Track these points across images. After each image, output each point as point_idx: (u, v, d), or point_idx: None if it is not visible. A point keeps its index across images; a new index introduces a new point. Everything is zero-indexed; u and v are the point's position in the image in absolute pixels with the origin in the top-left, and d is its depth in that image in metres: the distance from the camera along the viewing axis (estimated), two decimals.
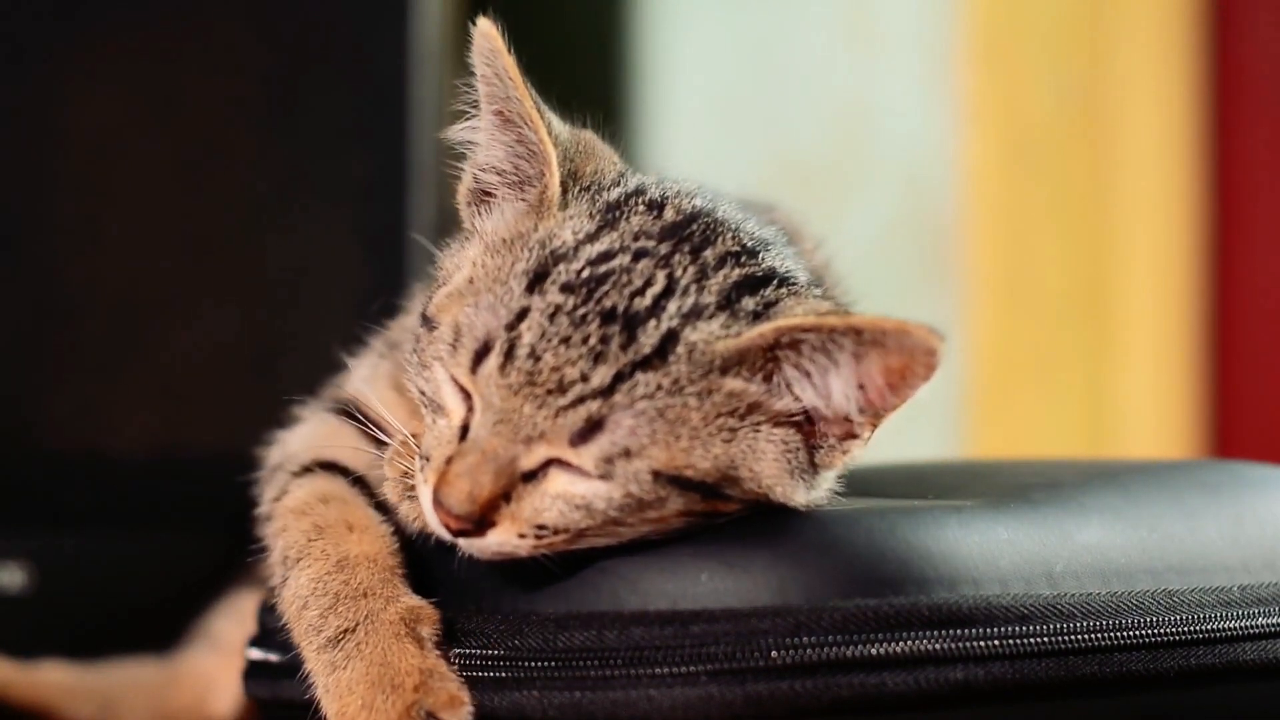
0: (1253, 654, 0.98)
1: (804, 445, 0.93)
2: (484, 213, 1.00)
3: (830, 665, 0.89)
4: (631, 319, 0.90)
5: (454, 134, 1.01)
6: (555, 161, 0.97)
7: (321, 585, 0.96)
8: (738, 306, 0.93)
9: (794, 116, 2.37)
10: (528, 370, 0.90)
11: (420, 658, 0.92)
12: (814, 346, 0.91)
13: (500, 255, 0.95)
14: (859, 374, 0.91)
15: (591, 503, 0.90)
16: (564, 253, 0.93)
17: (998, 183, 2.33)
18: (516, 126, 0.98)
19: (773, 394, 0.92)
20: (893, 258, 2.33)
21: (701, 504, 0.91)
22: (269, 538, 1.03)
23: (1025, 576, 0.94)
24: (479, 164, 1.00)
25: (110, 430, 1.65)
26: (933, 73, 2.33)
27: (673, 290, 0.92)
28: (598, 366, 0.89)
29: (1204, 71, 2.49)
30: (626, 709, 0.90)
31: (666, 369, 0.90)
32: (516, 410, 0.90)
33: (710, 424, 0.91)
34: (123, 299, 1.65)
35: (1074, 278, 2.39)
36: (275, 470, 1.08)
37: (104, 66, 1.65)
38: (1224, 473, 1.13)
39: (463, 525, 0.90)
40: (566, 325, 0.90)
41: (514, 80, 0.97)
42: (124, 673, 1.42)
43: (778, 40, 2.37)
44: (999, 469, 1.19)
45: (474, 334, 0.92)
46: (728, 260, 0.95)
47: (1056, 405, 2.39)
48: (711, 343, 0.91)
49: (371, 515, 1.00)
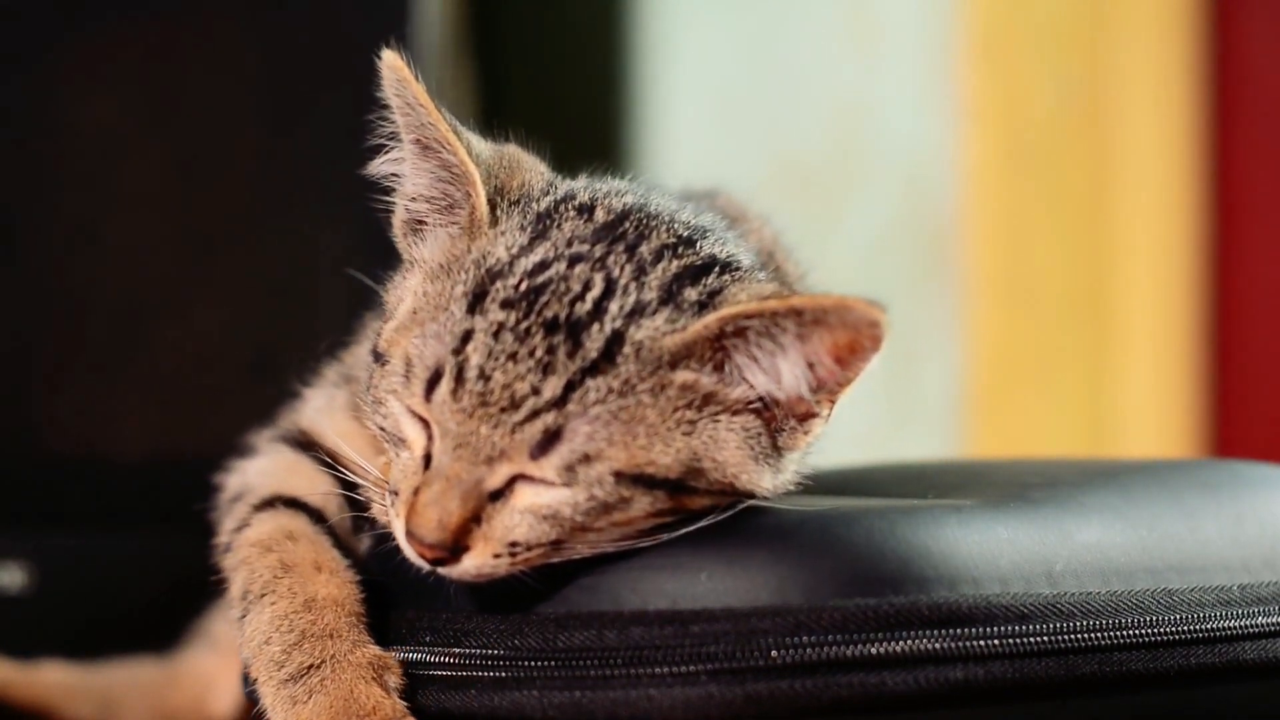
0: (1252, 653, 0.98)
1: (765, 429, 0.93)
2: (419, 241, 1.00)
3: (830, 665, 0.89)
4: (574, 326, 0.90)
5: (376, 168, 1.01)
6: (479, 181, 0.96)
7: (287, 622, 0.96)
8: (680, 299, 0.92)
9: (794, 116, 2.37)
10: (479, 391, 0.89)
11: (388, 701, 0.93)
12: (759, 332, 0.91)
13: (440, 281, 0.95)
14: (806, 354, 0.91)
15: (558, 511, 0.90)
16: (500, 269, 0.93)
17: (998, 183, 2.33)
18: (436, 152, 0.98)
19: (726, 383, 0.92)
20: (893, 258, 2.33)
21: (668, 501, 0.91)
22: (229, 570, 1.02)
23: (1025, 576, 0.94)
24: (407, 194, 1.00)
25: (110, 430, 1.65)
26: (933, 73, 2.33)
27: (612, 291, 0.92)
28: (548, 378, 0.89)
29: (1204, 71, 2.49)
30: (626, 708, 0.90)
31: (616, 371, 0.90)
32: (474, 432, 0.90)
33: (667, 419, 0.91)
34: (123, 299, 1.65)
35: (1074, 278, 2.39)
36: (234, 501, 1.07)
37: (104, 66, 1.65)
38: (1223, 472, 1.13)
39: (438, 554, 0.91)
40: (511, 341, 0.90)
41: (426, 107, 0.96)
42: (124, 673, 1.42)
43: (778, 40, 2.37)
44: (999, 468, 1.19)
45: (424, 363, 0.92)
46: (664, 253, 0.95)
47: (1056, 405, 2.39)
48: (658, 339, 0.91)
49: (339, 558, 1.00)
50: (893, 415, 2.31)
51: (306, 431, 1.08)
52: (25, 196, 1.64)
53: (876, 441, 2.28)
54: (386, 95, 0.98)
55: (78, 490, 1.62)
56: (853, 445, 2.37)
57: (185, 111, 1.66)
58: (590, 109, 2.33)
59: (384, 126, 0.99)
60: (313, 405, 1.10)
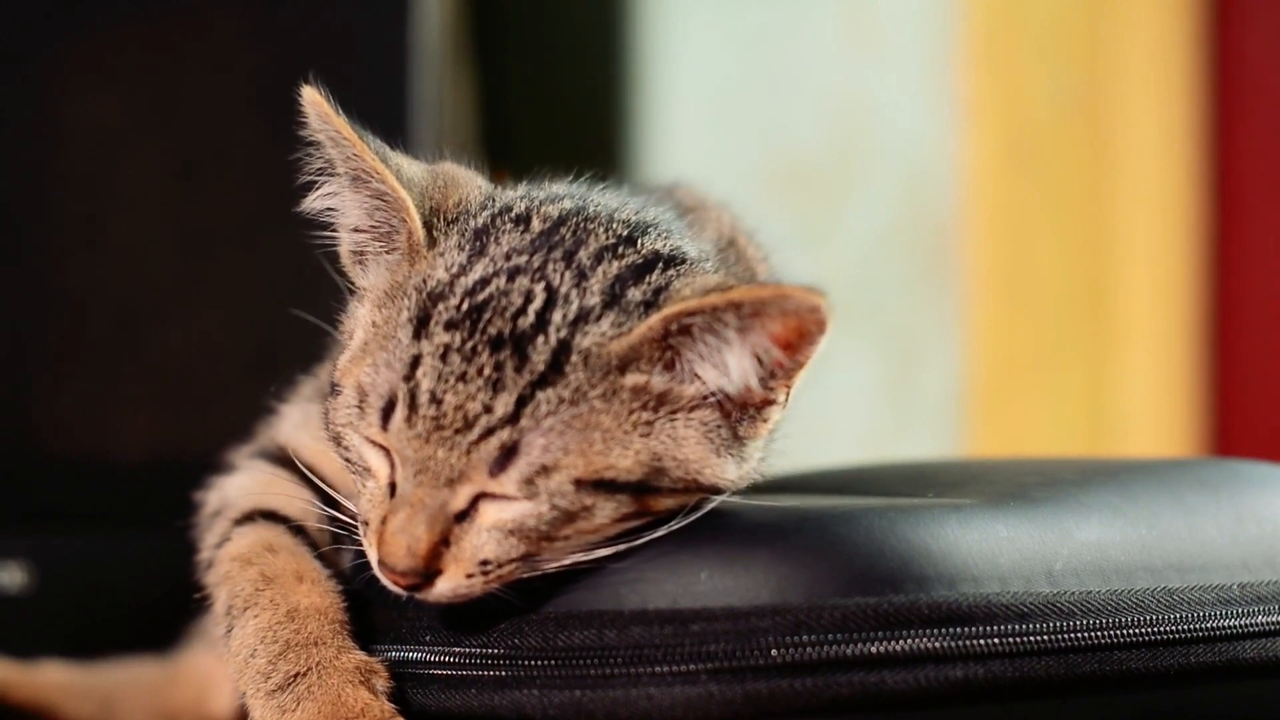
0: (1252, 652, 0.98)
1: (724, 421, 0.93)
2: (364, 271, 1.00)
3: (830, 664, 0.89)
4: (519, 340, 0.90)
5: (311, 205, 1.01)
6: (411, 206, 0.96)
7: (271, 634, 0.96)
8: (624, 300, 0.92)
9: (794, 116, 2.37)
10: (433, 416, 0.89)
11: (376, 703, 0.93)
12: (703, 328, 0.90)
13: (386, 309, 0.95)
14: (752, 344, 0.91)
15: (523, 524, 0.90)
16: (441, 291, 0.93)
17: (998, 183, 2.33)
18: (366, 182, 0.97)
19: (679, 380, 0.92)
20: (893, 258, 2.33)
21: (634, 505, 0.91)
22: (211, 585, 1.03)
23: (1025, 574, 0.94)
24: (346, 226, 1.00)
25: (110, 431, 1.65)
26: (933, 72, 2.33)
27: (554, 300, 0.92)
28: (498, 395, 0.89)
29: (1204, 71, 2.49)
30: (626, 708, 0.90)
31: (565, 381, 0.90)
32: (432, 457, 0.90)
33: (623, 423, 0.91)
34: (123, 300, 1.65)
35: (1074, 277, 2.39)
36: (214, 516, 1.07)
37: (104, 66, 1.65)
38: (1223, 471, 1.13)
39: (411, 580, 0.91)
40: (459, 362, 0.90)
41: (350, 139, 0.96)
42: (124, 672, 1.42)
43: (778, 40, 2.37)
44: (998, 468, 1.19)
45: (377, 392, 0.92)
46: (604, 255, 0.94)
47: (1056, 404, 2.39)
48: (604, 344, 0.91)
49: (320, 568, 1.00)
50: (893, 415, 2.31)
51: (284, 447, 1.08)
52: (25, 196, 1.64)
53: (876, 441, 2.28)
54: (311, 131, 0.98)
55: (78, 490, 1.62)
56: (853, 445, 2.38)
57: (185, 111, 1.66)
58: (590, 109, 2.33)
59: (312, 163, 0.99)
60: (290, 421, 1.10)
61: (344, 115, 0.96)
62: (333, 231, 1.01)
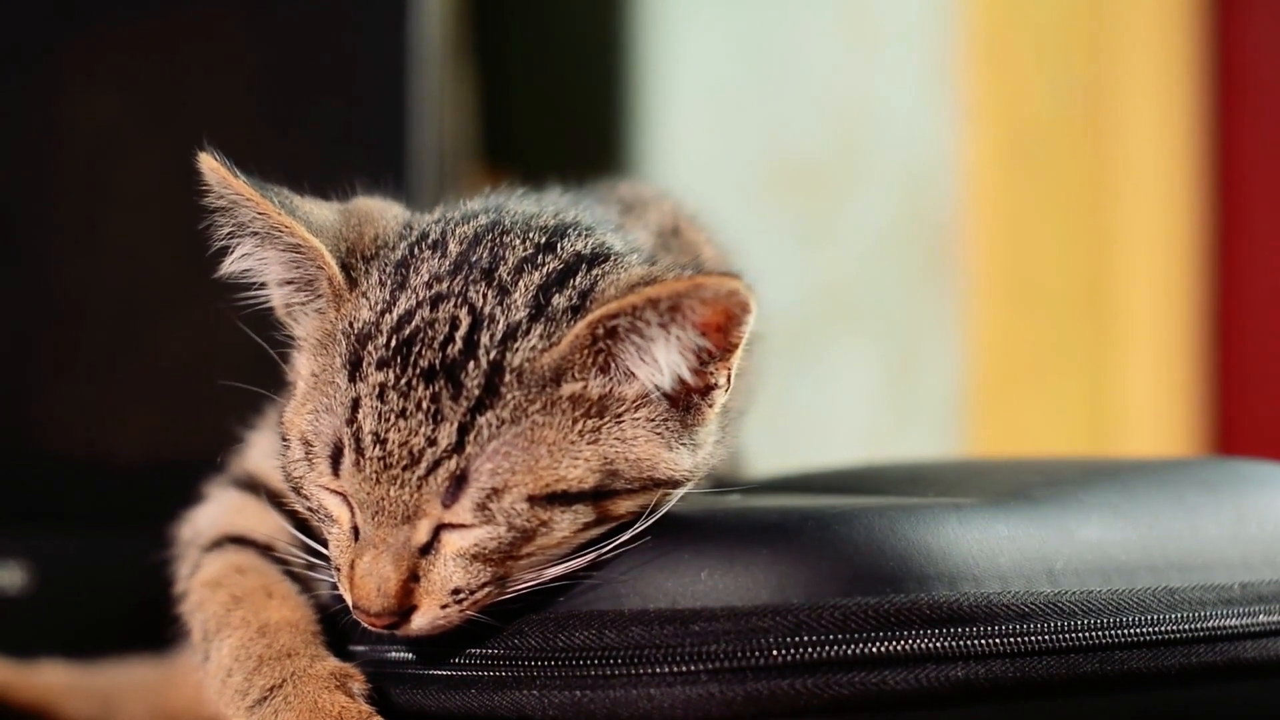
0: (1253, 651, 0.98)
1: (671, 414, 0.93)
2: (296, 323, 1.00)
3: (831, 663, 0.89)
4: (451, 368, 0.90)
5: (230, 269, 1.00)
6: (326, 252, 0.96)
7: (244, 651, 0.96)
8: (550, 309, 0.92)
9: (794, 116, 2.37)
10: (379, 456, 0.89)
11: (354, 705, 0.93)
12: (627, 328, 0.90)
13: (321, 356, 0.95)
14: (678, 336, 0.90)
15: (484, 547, 0.90)
16: (368, 331, 0.93)
17: (998, 182, 2.33)
18: (277, 237, 0.97)
19: (616, 382, 0.92)
20: (893, 258, 2.33)
21: (592, 512, 0.91)
22: (187, 614, 1.03)
23: (1026, 574, 0.94)
24: (273, 282, 1.00)
25: (110, 431, 1.65)
26: (933, 72, 2.33)
27: (480, 322, 0.91)
28: (440, 426, 0.89)
29: (1204, 71, 2.49)
30: (627, 708, 0.90)
31: (503, 401, 0.89)
32: (385, 496, 0.90)
33: (568, 433, 0.90)
34: (123, 300, 1.65)
35: (1074, 277, 2.39)
36: (187, 547, 1.08)
37: (104, 66, 1.65)
38: (1224, 470, 1.13)
39: (387, 620, 0.91)
40: (396, 399, 0.90)
41: (252, 199, 0.96)
42: (124, 673, 1.42)
43: (778, 40, 2.37)
44: (999, 467, 1.19)
45: (322, 440, 0.92)
46: (524, 267, 0.94)
47: (1056, 404, 2.39)
48: (536, 358, 0.90)
49: (289, 584, 1.01)
50: (893, 415, 2.31)
51: (253, 474, 1.08)
52: (25, 196, 1.64)
53: (877, 440, 2.28)
54: (212, 199, 0.97)
55: (78, 490, 1.62)
56: (853, 445, 2.38)
57: (185, 111, 1.66)
58: (591, 109, 2.33)
59: (223, 228, 0.98)
60: (258, 449, 1.10)
61: (242, 176, 0.96)
62: (262, 289, 1.00)
